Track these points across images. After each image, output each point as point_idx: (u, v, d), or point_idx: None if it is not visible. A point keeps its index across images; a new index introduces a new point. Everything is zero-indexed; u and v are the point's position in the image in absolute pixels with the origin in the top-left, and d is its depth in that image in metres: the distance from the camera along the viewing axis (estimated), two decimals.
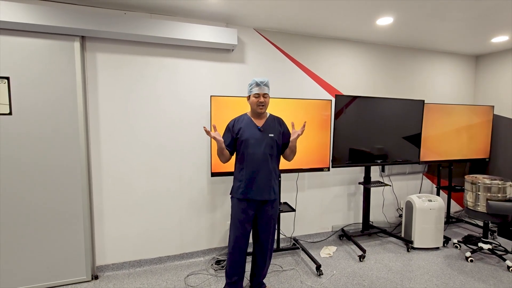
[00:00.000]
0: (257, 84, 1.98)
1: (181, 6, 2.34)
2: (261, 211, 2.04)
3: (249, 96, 2.03)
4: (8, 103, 2.14)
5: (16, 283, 2.24)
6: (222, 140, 1.96)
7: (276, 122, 2.11)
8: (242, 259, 2.05)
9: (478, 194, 2.74)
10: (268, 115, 2.12)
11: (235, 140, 2.05)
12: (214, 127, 1.99)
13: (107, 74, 2.43)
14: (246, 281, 2.40)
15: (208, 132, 1.89)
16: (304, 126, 2.01)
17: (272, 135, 2.04)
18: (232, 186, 2.08)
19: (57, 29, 2.13)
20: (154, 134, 2.60)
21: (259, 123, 2.06)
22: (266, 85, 2.00)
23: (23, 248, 2.24)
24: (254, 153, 1.98)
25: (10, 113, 2.15)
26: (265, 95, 2.00)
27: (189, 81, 2.67)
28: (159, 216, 2.66)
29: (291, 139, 2.04)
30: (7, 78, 2.13)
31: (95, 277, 2.45)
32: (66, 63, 2.25)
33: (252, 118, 2.07)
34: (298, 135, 2.01)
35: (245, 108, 2.51)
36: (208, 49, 2.69)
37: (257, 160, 1.98)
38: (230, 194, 2.08)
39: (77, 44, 2.26)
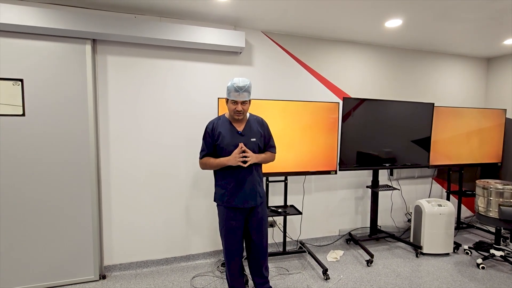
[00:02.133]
0: (236, 90, 1.77)
1: (190, 9, 2.36)
2: (251, 215, 1.98)
3: (227, 99, 1.86)
4: (21, 104, 2.20)
5: (26, 281, 2.28)
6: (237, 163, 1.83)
7: (257, 123, 1.97)
8: (240, 265, 2.03)
9: (490, 199, 2.68)
10: (248, 116, 1.97)
11: (214, 146, 1.92)
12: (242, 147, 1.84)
13: (117, 76, 2.47)
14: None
15: (243, 153, 1.80)
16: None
17: (254, 139, 1.92)
18: (215, 192, 1.98)
19: (69, 33, 2.18)
20: (162, 135, 2.62)
21: (239, 127, 1.92)
22: (247, 90, 1.79)
23: (33, 247, 2.29)
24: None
25: (23, 114, 2.21)
26: (244, 103, 1.81)
27: (197, 83, 2.69)
28: (165, 217, 2.68)
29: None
30: (21, 80, 2.19)
31: (103, 277, 2.48)
32: (77, 65, 2.30)
33: (231, 121, 1.93)
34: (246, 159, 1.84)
35: (252, 109, 2.51)
36: (216, 52, 2.71)
37: (240, 168, 1.87)
38: (214, 201, 1.99)
39: (88, 47, 2.31)
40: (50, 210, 2.31)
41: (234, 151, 1.84)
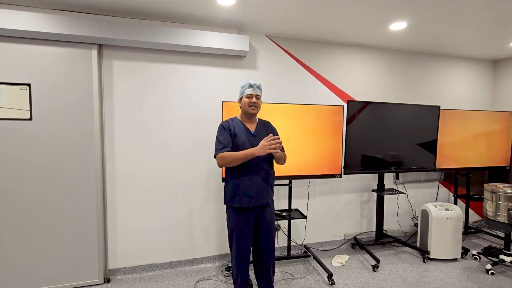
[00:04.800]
0: (250, 86, 1.95)
1: (194, 13, 2.38)
2: (261, 217, 1.98)
3: (241, 98, 1.98)
4: (29, 108, 2.23)
5: (32, 284, 2.29)
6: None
7: (266, 126, 2.09)
8: (248, 269, 2.02)
9: (499, 203, 2.63)
10: (257, 119, 2.08)
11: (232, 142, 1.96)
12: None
13: (122, 81, 2.49)
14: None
15: (277, 143, 1.79)
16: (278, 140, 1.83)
17: None
18: (225, 193, 1.97)
19: (76, 38, 2.22)
20: (167, 138, 2.63)
21: (251, 127, 2.01)
22: (259, 88, 1.97)
23: (39, 250, 2.30)
24: (250, 159, 1.90)
25: (30, 118, 2.24)
26: (257, 97, 1.96)
27: (201, 87, 2.70)
28: (170, 220, 2.68)
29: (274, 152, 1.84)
30: (29, 85, 2.22)
31: (107, 280, 2.48)
32: (84, 70, 2.33)
33: (244, 122, 2.01)
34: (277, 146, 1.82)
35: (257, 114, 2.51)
36: (221, 56, 2.73)
37: (253, 166, 1.92)
38: (225, 203, 1.99)
39: (94, 52, 2.33)
40: (56, 213, 2.32)
41: (263, 140, 1.83)
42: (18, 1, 2.15)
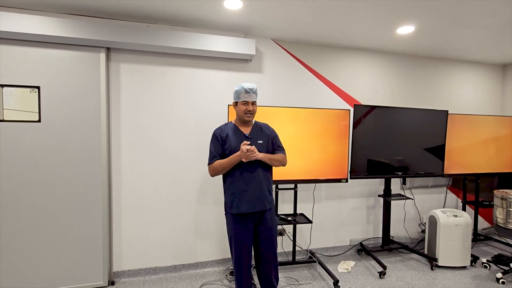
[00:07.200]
0: (246, 91, 1.89)
1: (201, 18, 2.40)
2: (260, 223, 1.96)
3: (236, 102, 1.94)
4: (37, 111, 2.26)
5: (37, 285, 2.30)
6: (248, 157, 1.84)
7: (263, 127, 2.05)
8: (249, 275, 2.00)
9: (509, 210, 2.57)
10: (254, 122, 2.05)
11: (223, 152, 1.96)
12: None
13: (129, 83, 2.52)
14: None
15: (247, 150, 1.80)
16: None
17: (261, 141, 1.97)
18: (225, 201, 1.97)
19: (84, 41, 2.25)
20: (172, 142, 2.64)
21: (246, 130, 1.98)
22: (255, 92, 1.92)
23: (44, 252, 2.31)
24: (243, 163, 1.89)
25: (39, 121, 2.26)
26: (253, 103, 1.93)
27: (207, 90, 2.71)
28: (174, 224, 2.68)
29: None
30: (38, 88, 2.25)
31: (111, 283, 2.48)
32: (92, 73, 2.36)
33: (238, 126, 1.99)
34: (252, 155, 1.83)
35: (262, 117, 2.50)
36: (227, 59, 2.74)
37: (248, 170, 1.90)
38: (225, 210, 1.99)
39: (102, 55, 2.36)
40: (61, 215, 2.34)
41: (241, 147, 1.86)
42: (29, 6, 2.19)
